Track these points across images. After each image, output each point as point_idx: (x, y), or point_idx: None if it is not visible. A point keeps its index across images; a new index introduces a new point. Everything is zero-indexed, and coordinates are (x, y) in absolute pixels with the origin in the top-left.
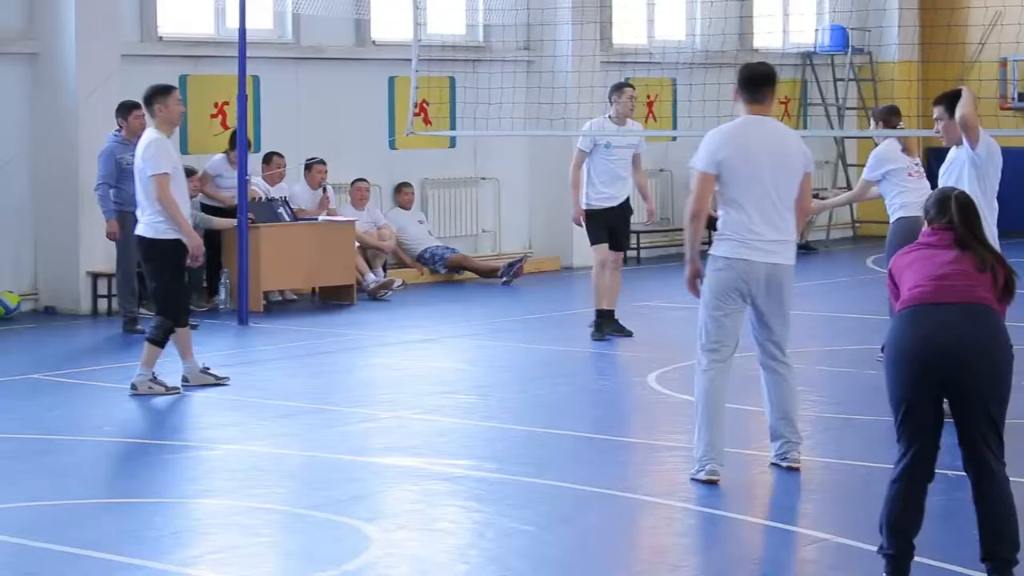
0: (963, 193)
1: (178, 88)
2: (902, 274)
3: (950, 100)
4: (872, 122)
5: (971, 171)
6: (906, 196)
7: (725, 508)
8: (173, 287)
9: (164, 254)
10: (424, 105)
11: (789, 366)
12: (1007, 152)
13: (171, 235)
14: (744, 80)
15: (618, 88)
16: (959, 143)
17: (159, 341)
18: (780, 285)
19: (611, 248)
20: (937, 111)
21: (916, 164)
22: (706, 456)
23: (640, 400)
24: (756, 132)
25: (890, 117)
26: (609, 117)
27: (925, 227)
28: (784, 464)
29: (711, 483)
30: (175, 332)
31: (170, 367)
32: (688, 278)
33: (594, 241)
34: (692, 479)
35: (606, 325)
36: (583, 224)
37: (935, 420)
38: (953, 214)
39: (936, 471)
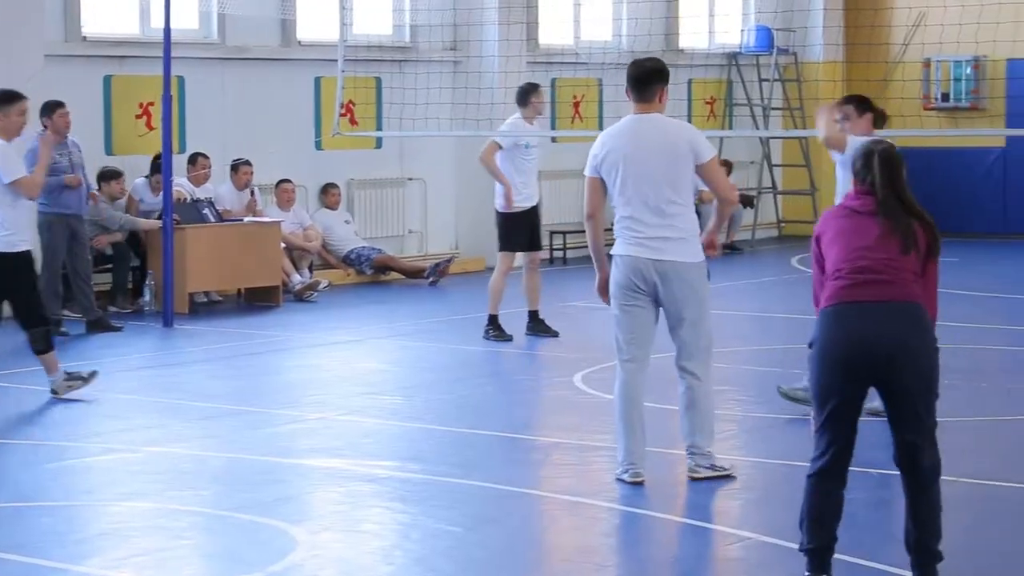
0: (887, 147)
1: (27, 99)
2: (829, 247)
3: (859, 100)
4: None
5: (844, 174)
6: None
7: (651, 508)
8: (33, 296)
9: (19, 267)
10: (350, 105)
11: (694, 374)
12: (930, 152)
13: (22, 247)
14: (630, 78)
15: (534, 88)
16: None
17: (45, 348)
18: (677, 282)
19: (530, 249)
20: (843, 110)
21: None
22: (626, 460)
23: (566, 400)
24: (637, 130)
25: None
26: (523, 118)
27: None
28: (688, 475)
29: (636, 484)
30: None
31: (105, 366)
32: (597, 286)
33: (508, 247)
34: (617, 479)
35: (535, 326)
36: (509, 204)
37: (856, 417)
38: (875, 172)
39: (861, 469)
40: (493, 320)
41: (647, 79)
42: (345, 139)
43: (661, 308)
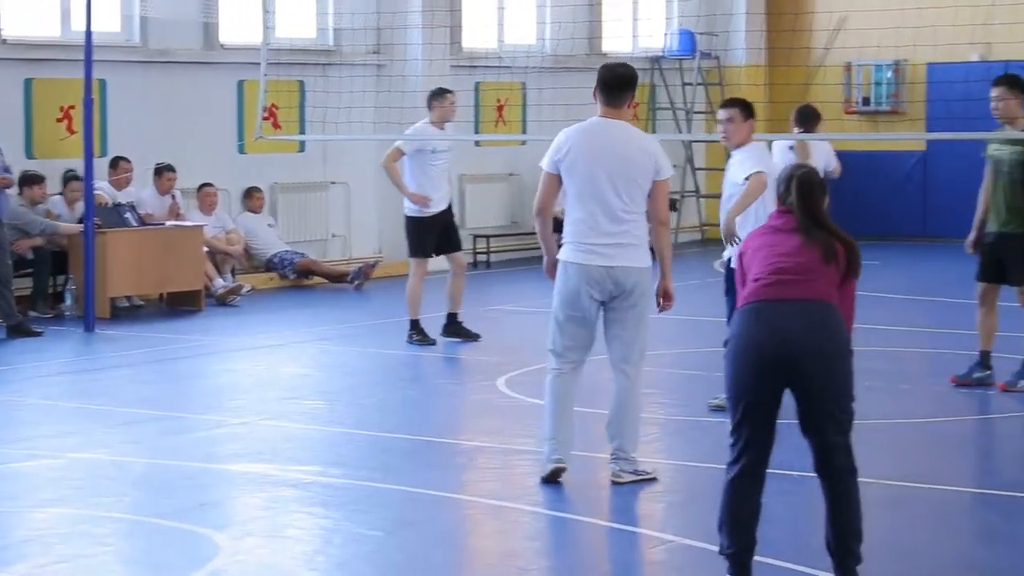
0: (806, 172)
1: None
2: (751, 260)
3: (744, 105)
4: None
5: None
6: None
7: (574, 511)
8: None
9: None
10: (273, 109)
11: (629, 375)
12: (851, 156)
13: None
14: (601, 82)
15: (442, 93)
16: (740, 145)
17: None
18: (624, 290)
19: (448, 251)
20: (728, 112)
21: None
22: (551, 450)
23: (489, 404)
24: (602, 134)
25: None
26: (431, 122)
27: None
28: (612, 479)
29: (556, 474)
30: None
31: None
32: (545, 266)
33: (416, 253)
34: (541, 480)
35: (455, 328)
36: (423, 205)
37: (772, 418)
38: (794, 196)
39: (781, 471)
40: (415, 325)
41: (620, 85)
42: (268, 143)
43: (603, 312)
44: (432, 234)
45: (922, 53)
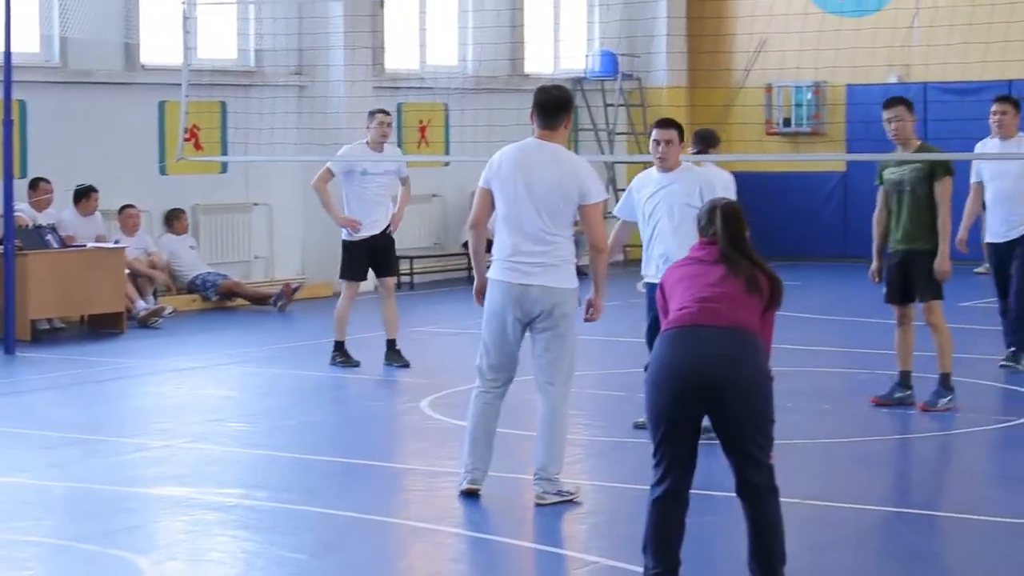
0: (729, 204)
1: None
2: (672, 290)
3: (680, 128)
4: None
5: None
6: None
7: (498, 533)
8: None
9: None
10: (195, 130)
11: (553, 396)
12: (772, 176)
13: None
14: (537, 105)
15: (370, 114)
16: (672, 169)
17: None
18: (545, 309)
19: (380, 275)
20: (667, 135)
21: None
22: (465, 470)
23: (412, 426)
24: (532, 155)
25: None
26: (366, 143)
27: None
28: (536, 502)
29: (471, 493)
30: None
31: None
32: (475, 290)
33: (344, 275)
34: (459, 493)
35: (388, 355)
36: (352, 228)
37: (693, 440)
38: (718, 227)
39: (705, 492)
40: (339, 346)
41: (555, 108)
42: (190, 164)
43: (529, 332)
44: (363, 258)
45: (841, 75)
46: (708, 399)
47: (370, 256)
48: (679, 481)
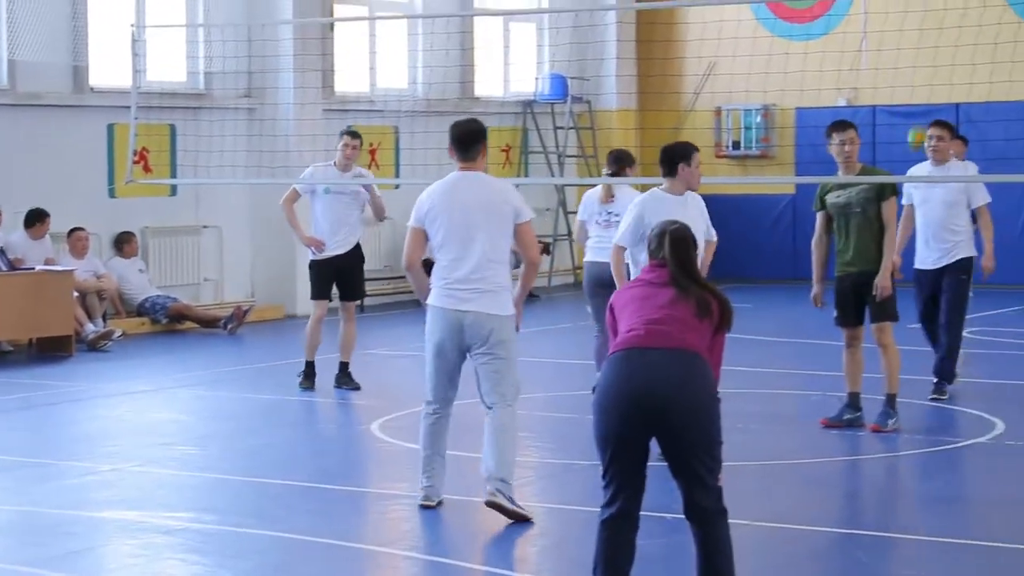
0: (679, 228)
1: None
2: (622, 313)
3: (621, 160)
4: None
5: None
6: (592, 243)
7: (449, 555)
8: None
9: None
10: (144, 153)
11: (502, 415)
12: (722, 199)
13: None
14: (454, 139)
15: (339, 135)
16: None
17: None
18: (483, 333)
19: (343, 298)
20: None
21: (608, 213)
22: (424, 484)
23: (363, 448)
24: (462, 186)
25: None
26: (334, 163)
27: (648, 260)
28: (486, 499)
29: (428, 507)
30: None
31: None
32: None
33: (313, 295)
34: (419, 504)
35: (339, 378)
36: (315, 248)
37: (641, 462)
38: (666, 250)
39: (656, 514)
40: (308, 367)
41: (471, 140)
42: (139, 186)
43: (469, 357)
44: (326, 277)
45: (790, 98)
46: (655, 420)
47: (336, 275)
48: (628, 502)
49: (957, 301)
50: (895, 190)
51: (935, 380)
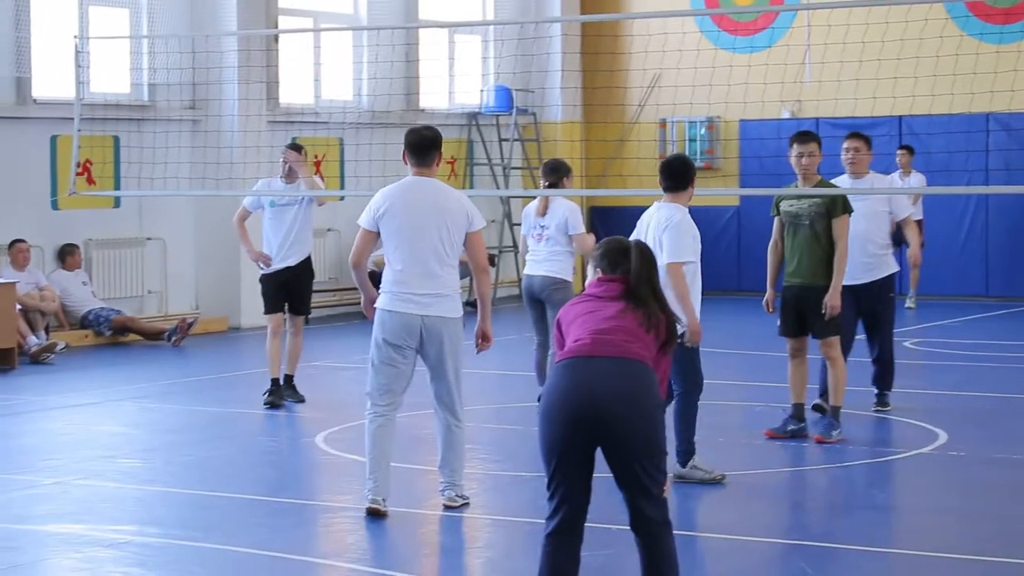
0: (642, 243)
1: None
2: (569, 327)
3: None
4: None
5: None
6: (528, 256)
7: (395, 568)
8: None
9: None
10: (87, 164)
11: (456, 417)
12: None
13: None
14: (409, 145)
15: (286, 148)
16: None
17: None
18: (438, 337)
19: (291, 312)
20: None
21: (541, 227)
22: (368, 489)
23: (308, 461)
24: (418, 191)
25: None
26: (281, 177)
27: (593, 276)
28: (443, 501)
29: (376, 512)
30: None
31: None
32: (363, 304)
33: (265, 309)
34: (367, 508)
35: (284, 390)
36: (263, 263)
37: (587, 472)
38: (633, 264)
39: (602, 525)
40: (273, 383)
41: (426, 147)
42: (82, 198)
43: (422, 360)
44: (273, 290)
45: (734, 110)
46: (600, 428)
47: (285, 288)
48: (573, 514)
49: (889, 316)
50: (847, 208)
51: (876, 392)
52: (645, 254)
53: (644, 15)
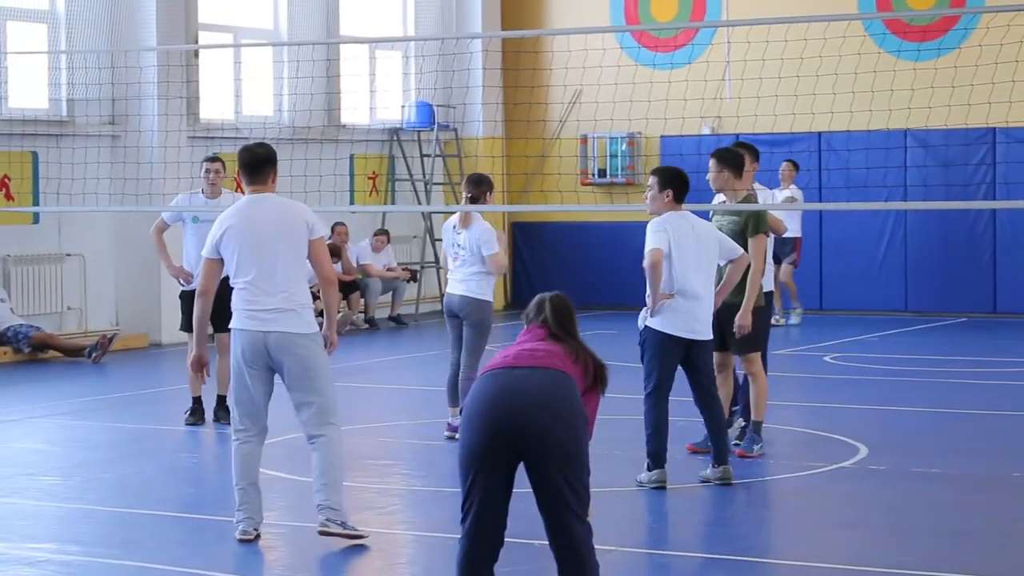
0: (558, 296)
1: None
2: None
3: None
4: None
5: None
6: (449, 274)
7: None
8: None
9: None
10: (5, 180)
11: (325, 435)
12: (587, 226)
13: None
14: (242, 164)
15: (205, 161)
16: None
17: None
18: (286, 354)
19: (217, 330)
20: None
21: (457, 247)
22: (240, 517)
23: (230, 478)
24: (254, 210)
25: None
26: (201, 191)
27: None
28: (319, 529)
29: (245, 541)
30: None
31: None
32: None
33: (184, 328)
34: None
35: (219, 412)
36: (183, 279)
37: (506, 485)
38: (547, 314)
39: (523, 540)
40: (195, 402)
41: (259, 164)
42: (0, 214)
43: (282, 380)
44: (190, 310)
45: (655, 126)
46: (522, 436)
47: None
48: (487, 524)
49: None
50: (763, 227)
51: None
52: (557, 307)
53: (565, 31)
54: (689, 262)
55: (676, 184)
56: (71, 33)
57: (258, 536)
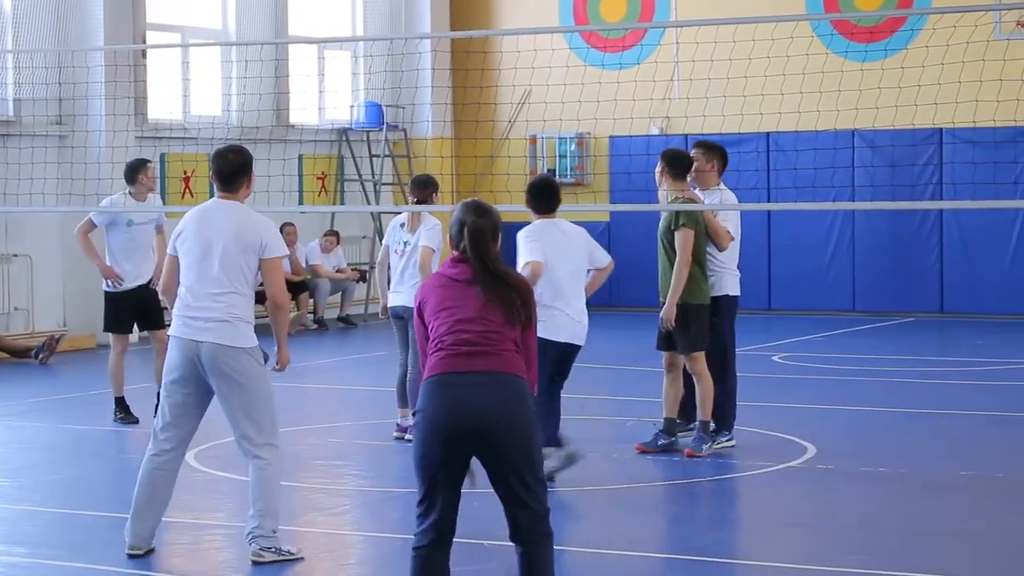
0: (476, 221)
1: None
2: (432, 317)
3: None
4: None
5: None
6: (392, 273)
7: None
8: None
9: None
10: None
11: (260, 455)
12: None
13: None
14: (215, 172)
15: (142, 164)
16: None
17: None
18: (216, 367)
19: (150, 328)
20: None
21: (404, 243)
22: (127, 532)
23: (179, 479)
24: (214, 213)
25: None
26: (129, 193)
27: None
28: (252, 559)
29: (136, 556)
30: None
31: None
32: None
33: (109, 328)
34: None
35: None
36: (113, 280)
37: (458, 484)
38: (466, 243)
39: (475, 540)
40: (118, 403)
41: (232, 173)
42: None
43: (216, 393)
44: (127, 310)
45: (604, 126)
46: (477, 446)
47: (136, 308)
48: (443, 529)
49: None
50: (688, 222)
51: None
52: (474, 231)
53: (514, 31)
54: (564, 270)
55: (540, 194)
56: (17, 32)
57: (152, 551)
